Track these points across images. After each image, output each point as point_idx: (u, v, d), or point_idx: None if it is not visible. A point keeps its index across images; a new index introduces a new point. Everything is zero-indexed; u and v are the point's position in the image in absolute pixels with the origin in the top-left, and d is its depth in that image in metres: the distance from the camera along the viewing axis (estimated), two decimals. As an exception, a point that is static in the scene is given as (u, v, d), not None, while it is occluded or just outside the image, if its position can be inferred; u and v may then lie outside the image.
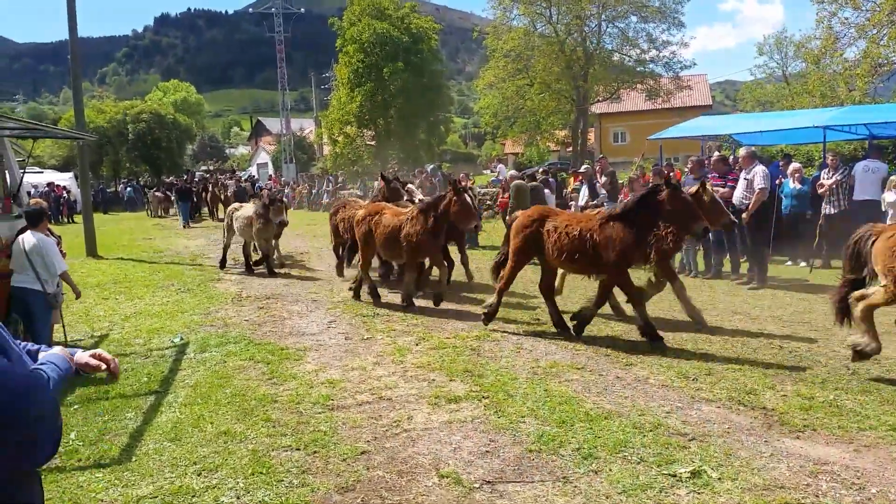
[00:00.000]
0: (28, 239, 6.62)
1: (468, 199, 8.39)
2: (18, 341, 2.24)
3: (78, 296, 7.18)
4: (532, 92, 36.57)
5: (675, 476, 4.03)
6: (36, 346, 2.29)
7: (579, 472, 4.14)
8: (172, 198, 30.22)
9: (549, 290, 7.89)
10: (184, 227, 25.02)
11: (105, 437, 4.99)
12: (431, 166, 21.48)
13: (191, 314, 9.30)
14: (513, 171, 16.48)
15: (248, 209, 12.85)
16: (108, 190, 43.29)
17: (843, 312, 6.04)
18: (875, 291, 5.74)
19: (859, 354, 5.82)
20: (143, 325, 8.77)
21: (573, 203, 17.15)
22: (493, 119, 40.63)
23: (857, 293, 5.89)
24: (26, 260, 6.53)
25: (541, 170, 17.77)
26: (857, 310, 5.80)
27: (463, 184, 10.75)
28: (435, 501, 3.88)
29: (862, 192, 11.18)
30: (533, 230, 7.51)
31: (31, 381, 1.92)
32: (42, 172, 35.34)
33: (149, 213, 32.84)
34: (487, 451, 4.48)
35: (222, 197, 27.46)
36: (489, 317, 7.83)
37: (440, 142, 44.84)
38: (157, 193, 32.90)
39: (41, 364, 2.18)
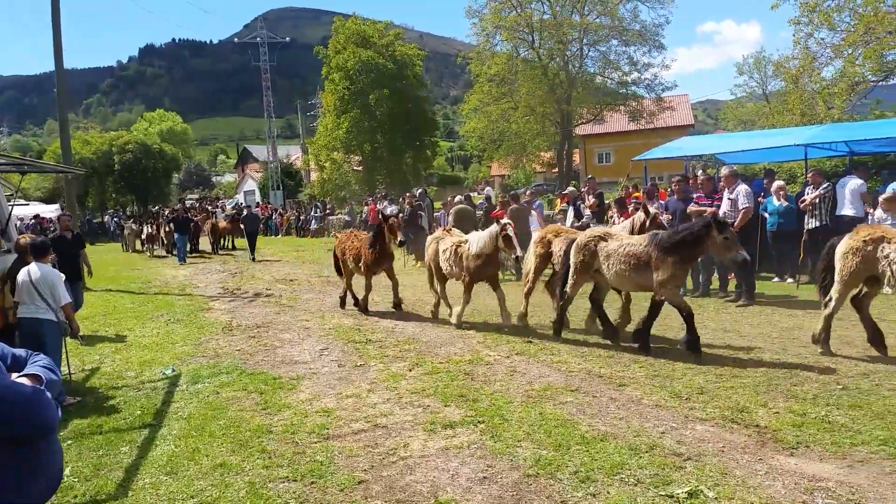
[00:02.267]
0: (34, 270, 6.67)
1: None
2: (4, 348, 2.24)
3: (76, 332, 7.14)
4: (517, 115, 36.97)
5: (672, 497, 4.05)
6: (24, 353, 2.29)
7: (578, 495, 4.15)
8: (154, 231, 26.63)
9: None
10: (181, 262, 21.93)
11: (100, 473, 4.95)
12: (420, 190, 21.56)
13: (182, 345, 9.25)
14: (459, 197, 16.87)
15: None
16: (94, 221, 43.10)
17: None
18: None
19: None
20: (134, 358, 8.71)
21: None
22: (479, 142, 41.05)
23: None
24: (34, 291, 6.54)
25: (528, 192, 17.90)
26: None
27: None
28: (434, 529, 3.87)
29: (842, 207, 11.42)
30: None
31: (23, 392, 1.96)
32: (28, 205, 35.12)
33: (124, 246, 30.15)
34: (485, 478, 4.48)
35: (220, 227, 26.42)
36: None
37: (427, 165, 45.07)
38: (132, 225, 30.13)
39: (33, 364, 2.20)
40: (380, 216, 10.94)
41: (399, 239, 10.32)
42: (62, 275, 7.04)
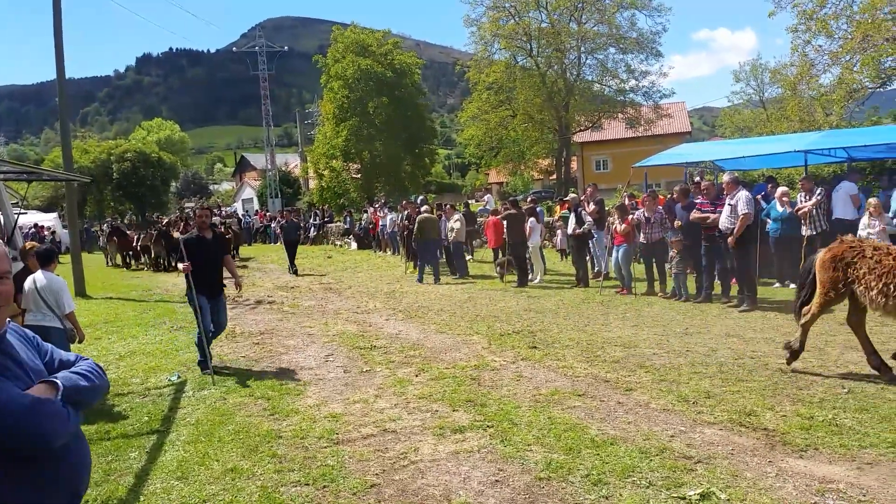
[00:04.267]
0: (40, 278, 6.69)
1: None
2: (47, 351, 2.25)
3: (81, 339, 7.13)
4: (515, 123, 37.10)
5: (684, 499, 4.07)
6: (73, 356, 2.30)
7: (590, 498, 4.17)
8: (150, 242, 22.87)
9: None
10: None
11: (110, 478, 4.94)
12: (421, 197, 21.62)
13: (186, 352, 9.25)
14: (426, 206, 17.45)
15: None
16: (92, 230, 43.02)
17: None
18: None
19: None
20: (139, 365, 8.71)
21: (560, 231, 17.34)
22: (477, 149, 41.10)
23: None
24: (40, 299, 6.56)
25: (529, 199, 17.96)
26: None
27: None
28: (448, 532, 3.88)
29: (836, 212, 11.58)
30: None
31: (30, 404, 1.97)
32: (26, 213, 35.11)
33: (107, 259, 26.47)
34: (497, 481, 4.49)
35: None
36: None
37: (425, 173, 45.17)
38: (113, 237, 25.42)
39: (70, 370, 2.20)
40: None
41: None
42: (65, 281, 7.03)
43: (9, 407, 1.90)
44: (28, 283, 6.71)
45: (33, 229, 29.91)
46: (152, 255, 23.37)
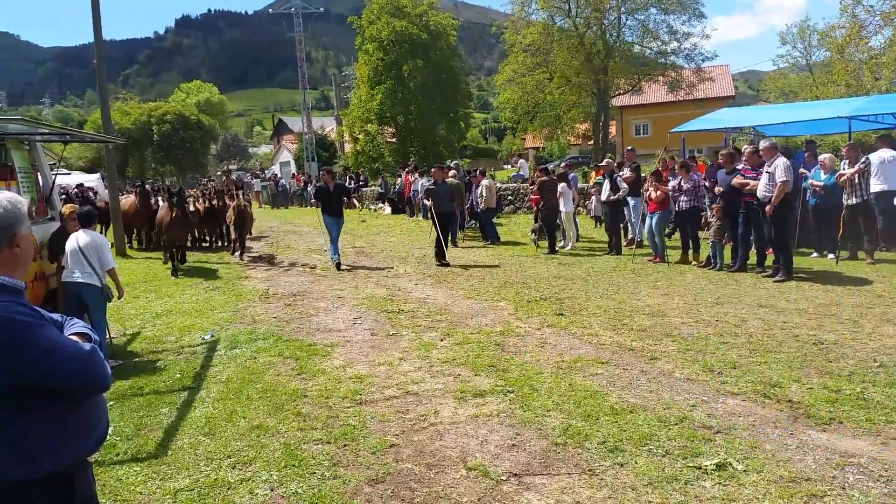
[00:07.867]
0: (82, 237, 6.91)
1: None
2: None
3: (121, 295, 7.34)
4: (552, 86, 36.44)
5: (700, 468, 4.07)
6: (59, 317, 2.36)
7: (605, 464, 4.20)
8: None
9: None
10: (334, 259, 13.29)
11: (141, 433, 5.14)
12: (455, 162, 21.51)
13: (220, 312, 9.47)
14: (452, 171, 17.11)
15: None
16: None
17: None
18: None
19: None
20: (174, 323, 8.95)
21: (594, 197, 17.14)
22: (513, 114, 40.57)
23: None
24: (82, 256, 6.78)
25: (562, 164, 17.72)
26: None
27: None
28: (463, 493, 3.96)
29: (880, 182, 11.12)
30: None
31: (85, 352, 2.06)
32: (70, 174, 35.92)
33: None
34: (514, 445, 4.55)
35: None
36: None
37: (460, 137, 44.80)
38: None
39: (74, 326, 2.27)
40: None
41: None
42: (108, 241, 7.25)
43: (76, 352, 2.02)
44: (70, 243, 6.93)
45: (76, 189, 30.56)
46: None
